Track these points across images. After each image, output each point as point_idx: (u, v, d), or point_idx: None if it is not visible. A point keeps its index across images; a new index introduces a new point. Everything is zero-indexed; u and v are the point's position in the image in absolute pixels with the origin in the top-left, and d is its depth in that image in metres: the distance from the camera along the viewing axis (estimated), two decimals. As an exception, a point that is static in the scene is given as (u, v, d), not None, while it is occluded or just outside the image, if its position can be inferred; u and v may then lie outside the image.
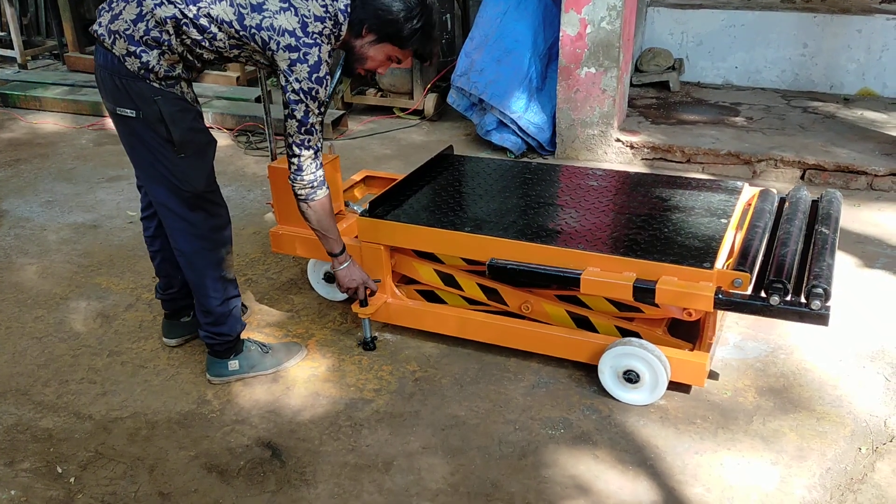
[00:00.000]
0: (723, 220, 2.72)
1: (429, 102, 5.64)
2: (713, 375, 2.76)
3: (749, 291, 2.40)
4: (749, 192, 3.01)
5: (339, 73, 2.74)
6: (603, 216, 2.81)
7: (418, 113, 5.74)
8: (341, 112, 5.59)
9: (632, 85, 5.74)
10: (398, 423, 2.60)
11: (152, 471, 2.43)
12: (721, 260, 2.51)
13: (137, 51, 2.29)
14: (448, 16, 5.90)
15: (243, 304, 3.21)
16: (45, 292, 3.48)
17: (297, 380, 2.83)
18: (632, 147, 4.76)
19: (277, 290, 3.43)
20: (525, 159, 4.89)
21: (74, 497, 2.34)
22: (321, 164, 2.50)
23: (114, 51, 2.31)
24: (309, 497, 2.31)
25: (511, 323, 2.84)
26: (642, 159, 4.76)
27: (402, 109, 5.79)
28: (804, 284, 2.36)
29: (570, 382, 2.76)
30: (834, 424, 2.54)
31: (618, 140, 4.78)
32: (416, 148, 5.18)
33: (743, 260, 2.43)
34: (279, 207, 3.10)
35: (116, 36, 2.30)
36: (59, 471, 2.44)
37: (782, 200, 2.96)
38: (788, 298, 2.35)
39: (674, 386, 2.66)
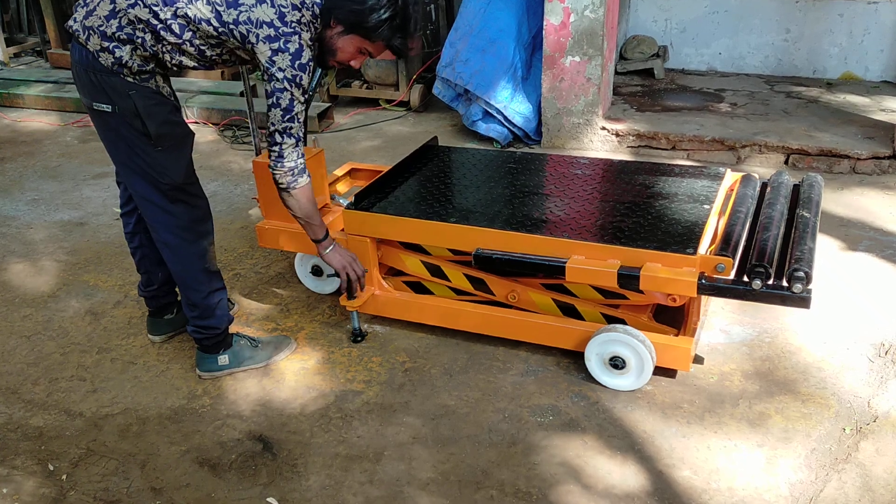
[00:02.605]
0: (705, 206, 2.75)
1: (414, 94, 5.64)
2: (698, 360, 2.79)
3: (732, 276, 2.43)
4: (731, 178, 3.04)
5: (319, 69, 2.74)
6: (587, 204, 2.83)
7: (404, 104, 5.74)
8: (327, 105, 5.58)
9: (616, 73, 5.75)
10: (388, 413, 2.62)
11: (144, 466, 2.44)
12: (704, 245, 2.54)
13: (110, 46, 2.29)
14: (432, 6, 5.89)
15: (230, 300, 3.23)
16: (33, 290, 3.47)
17: (287, 373, 2.84)
18: (617, 135, 4.78)
19: (266, 285, 3.44)
20: (511, 149, 4.90)
21: (67, 494, 2.35)
22: (302, 153, 2.50)
23: (88, 46, 2.32)
24: (300, 489, 2.33)
25: (498, 312, 2.86)
26: (628, 147, 4.78)
27: (388, 101, 5.78)
28: (786, 268, 2.39)
29: (558, 370, 2.78)
30: (818, 406, 2.57)
31: (603, 128, 4.80)
32: (402, 139, 5.18)
33: (725, 245, 2.46)
34: (265, 202, 3.10)
35: (91, 32, 2.31)
36: (51, 468, 2.44)
37: (764, 185, 2.99)
38: (770, 282, 2.37)
39: (660, 371, 2.69)
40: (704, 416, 2.55)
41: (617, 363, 2.62)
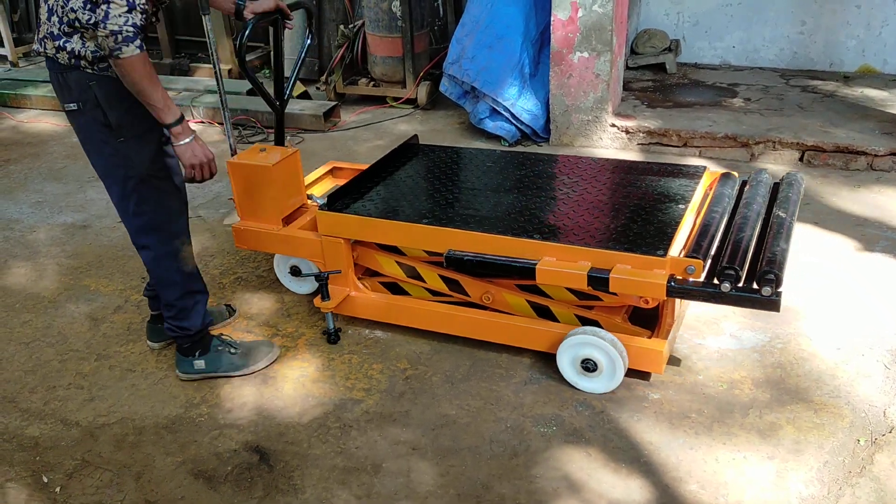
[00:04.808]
0: (680, 206, 2.70)
1: (422, 91, 5.56)
2: (675, 362, 2.74)
3: (702, 278, 2.37)
4: (710, 176, 2.99)
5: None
6: (561, 204, 2.79)
7: (411, 102, 5.67)
8: (333, 103, 5.52)
9: (628, 68, 5.65)
10: (388, 423, 2.56)
11: (139, 478, 2.40)
12: (677, 247, 2.49)
13: (61, 42, 2.31)
14: (440, 1, 5.81)
15: (230, 305, 3.19)
16: (34, 296, 3.44)
17: (286, 380, 2.79)
18: (627, 132, 4.68)
19: (268, 289, 3.39)
20: (502, 147, 4.80)
21: (59, 507, 2.31)
22: (136, 22, 2.18)
23: (47, 53, 2.36)
24: (296, 503, 2.27)
25: (470, 313, 2.83)
26: (638, 144, 4.68)
27: (395, 99, 5.71)
28: (757, 270, 2.32)
29: (562, 378, 2.71)
30: (832, 416, 2.48)
31: (613, 125, 4.70)
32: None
33: (697, 247, 2.42)
34: (240, 202, 3.06)
35: (45, 40, 2.36)
36: (45, 480, 2.41)
37: (744, 184, 2.92)
38: (740, 285, 2.32)
39: (670, 377, 2.62)
40: (713, 426, 2.47)
41: (588, 366, 2.57)
